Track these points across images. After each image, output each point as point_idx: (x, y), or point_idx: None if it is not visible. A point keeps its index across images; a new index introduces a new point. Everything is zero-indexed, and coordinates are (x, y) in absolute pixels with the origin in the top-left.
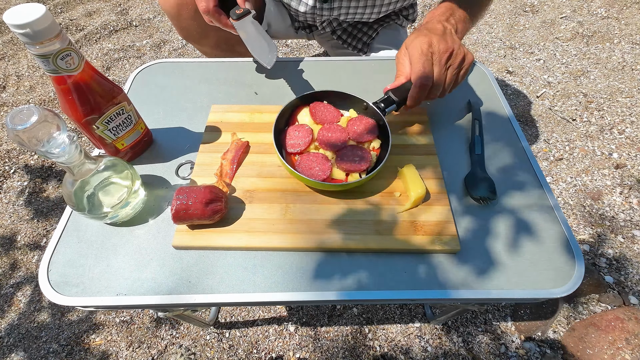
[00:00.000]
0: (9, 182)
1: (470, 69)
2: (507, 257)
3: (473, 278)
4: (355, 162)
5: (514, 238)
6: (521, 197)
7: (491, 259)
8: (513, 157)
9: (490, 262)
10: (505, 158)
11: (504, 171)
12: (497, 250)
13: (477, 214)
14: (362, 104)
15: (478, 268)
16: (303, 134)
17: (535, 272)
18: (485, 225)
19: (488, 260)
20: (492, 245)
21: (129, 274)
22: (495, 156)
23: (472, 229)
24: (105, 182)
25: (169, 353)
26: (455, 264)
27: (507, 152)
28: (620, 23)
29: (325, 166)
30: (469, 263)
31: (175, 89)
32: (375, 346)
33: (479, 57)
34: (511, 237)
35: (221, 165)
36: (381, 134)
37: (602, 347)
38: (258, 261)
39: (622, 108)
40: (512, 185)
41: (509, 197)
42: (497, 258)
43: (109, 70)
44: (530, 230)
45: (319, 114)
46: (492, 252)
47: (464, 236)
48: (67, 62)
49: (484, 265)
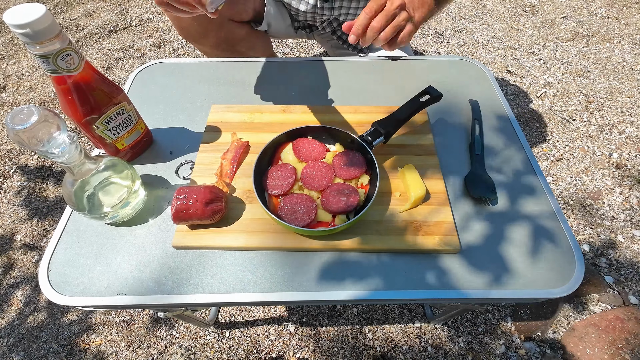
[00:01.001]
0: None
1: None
2: (507, 257)
3: (473, 278)
4: (341, 202)
5: (514, 238)
6: (521, 197)
7: (491, 259)
8: (513, 157)
9: (490, 262)
10: (505, 158)
11: (504, 171)
12: (496, 250)
13: (477, 214)
14: (349, 137)
15: (478, 268)
16: (286, 174)
17: (535, 272)
18: (485, 225)
19: (488, 260)
20: (492, 245)
21: (129, 274)
22: (495, 156)
23: (472, 229)
24: (105, 182)
25: (169, 353)
26: (455, 264)
27: (507, 152)
28: (620, 23)
29: (310, 208)
30: (469, 263)
31: (175, 89)
32: (375, 346)
33: (479, 57)
34: (511, 237)
35: (221, 165)
36: (369, 168)
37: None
38: (258, 261)
39: (622, 108)
40: (512, 185)
41: (509, 197)
42: (497, 258)
43: (109, 70)
44: (530, 230)
45: (302, 151)
46: (492, 252)
47: (464, 236)
48: (67, 62)
49: (484, 265)
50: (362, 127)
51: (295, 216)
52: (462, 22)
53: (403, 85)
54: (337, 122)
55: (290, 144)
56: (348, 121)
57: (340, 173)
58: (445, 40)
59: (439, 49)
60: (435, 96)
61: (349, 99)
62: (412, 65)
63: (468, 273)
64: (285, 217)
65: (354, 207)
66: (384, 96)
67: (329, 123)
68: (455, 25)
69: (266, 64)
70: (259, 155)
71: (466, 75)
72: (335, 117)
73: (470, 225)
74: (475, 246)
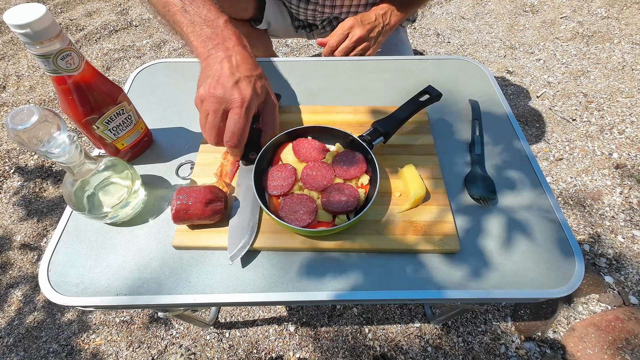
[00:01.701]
0: (9, 182)
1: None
2: (507, 257)
3: (473, 278)
4: (341, 202)
5: (514, 238)
6: (521, 197)
7: (491, 259)
8: (513, 157)
9: (490, 262)
10: (505, 158)
11: (504, 171)
12: (496, 250)
13: (477, 214)
14: (348, 137)
15: (478, 268)
16: (286, 174)
17: (535, 272)
18: (485, 226)
19: (488, 260)
20: (492, 245)
21: (129, 274)
22: (495, 156)
23: (472, 229)
24: (105, 182)
25: (169, 353)
26: (455, 264)
27: (507, 152)
28: (620, 23)
29: (310, 208)
30: (469, 263)
31: (175, 89)
32: (375, 346)
33: (479, 57)
34: (511, 237)
35: (221, 165)
36: (369, 168)
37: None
38: (258, 261)
39: (622, 108)
40: (512, 185)
41: (509, 197)
42: (497, 258)
43: (109, 70)
44: (530, 230)
45: (302, 152)
46: (492, 252)
47: (464, 236)
48: (67, 62)
49: (484, 265)
50: (362, 127)
51: (296, 216)
52: (462, 22)
53: (403, 85)
54: (337, 122)
55: (290, 144)
56: (348, 121)
57: (340, 173)
58: (445, 40)
59: (439, 49)
60: (435, 96)
61: (349, 99)
62: (412, 65)
63: (468, 273)
64: (285, 217)
65: (354, 207)
66: (384, 96)
67: (329, 123)
68: (455, 25)
69: (266, 64)
70: (259, 155)
71: (466, 75)
72: (335, 117)
73: (470, 225)
74: (475, 246)
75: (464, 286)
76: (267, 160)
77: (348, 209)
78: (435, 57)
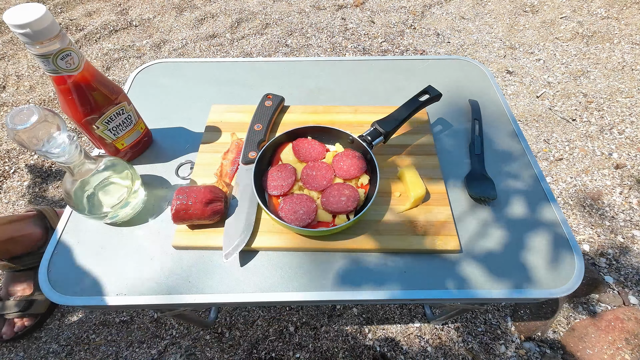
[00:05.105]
0: (9, 182)
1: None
2: (506, 257)
3: (473, 278)
4: (342, 202)
5: (514, 238)
6: (521, 197)
7: (491, 259)
8: (513, 157)
9: (490, 262)
10: (505, 158)
11: (504, 171)
12: (496, 250)
13: (477, 214)
14: (348, 137)
15: (478, 268)
16: (286, 174)
17: (535, 272)
18: (485, 225)
19: (488, 260)
20: (491, 245)
21: (129, 274)
22: (495, 156)
23: (472, 229)
24: (105, 182)
25: (169, 353)
26: (455, 263)
27: (507, 152)
28: (620, 23)
29: (310, 208)
30: (469, 263)
31: (175, 89)
32: (375, 346)
33: (479, 57)
34: (511, 237)
35: (221, 165)
36: (369, 168)
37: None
38: (258, 261)
39: (622, 108)
40: (512, 185)
41: (509, 197)
42: (497, 258)
43: (109, 70)
44: (530, 230)
45: (302, 152)
46: (491, 252)
47: (464, 236)
48: (67, 62)
49: (484, 265)
50: (362, 127)
51: (296, 216)
52: (462, 22)
53: (403, 85)
54: (337, 122)
55: (290, 144)
56: (348, 121)
57: (340, 173)
58: (445, 40)
59: (439, 49)
60: (435, 95)
61: (349, 99)
62: (412, 65)
63: (468, 273)
64: (285, 218)
65: (354, 207)
66: (384, 96)
67: (329, 123)
68: (455, 25)
69: (266, 64)
70: (259, 155)
71: (466, 75)
72: (335, 117)
73: (470, 225)
74: (475, 246)
75: (464, 286)
76: (266, 160)
77: (348, 209)
78: (435, 57)
